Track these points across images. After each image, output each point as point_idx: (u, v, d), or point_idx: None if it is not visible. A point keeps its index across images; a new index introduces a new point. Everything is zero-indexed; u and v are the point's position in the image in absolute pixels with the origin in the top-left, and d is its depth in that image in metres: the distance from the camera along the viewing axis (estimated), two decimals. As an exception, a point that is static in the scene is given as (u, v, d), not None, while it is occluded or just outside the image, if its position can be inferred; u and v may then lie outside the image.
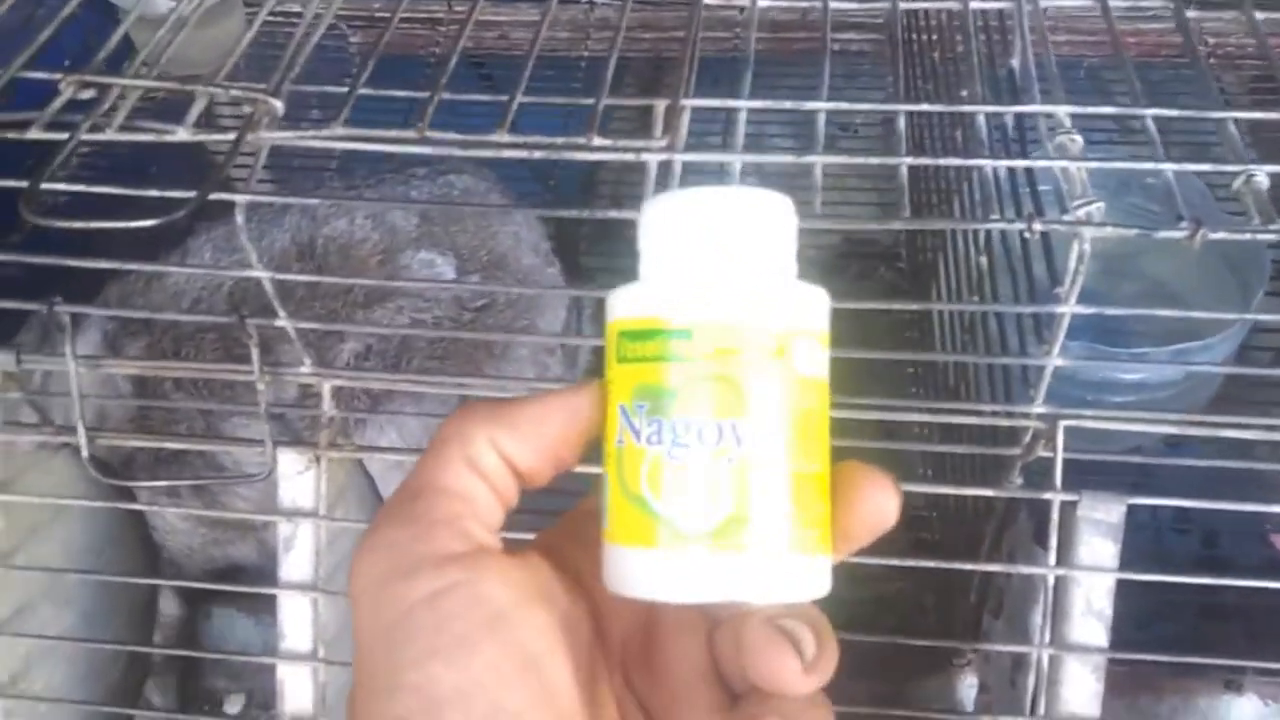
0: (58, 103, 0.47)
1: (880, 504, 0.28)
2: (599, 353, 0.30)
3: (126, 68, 0.52)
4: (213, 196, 0.43)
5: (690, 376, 0.27)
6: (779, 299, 0.28)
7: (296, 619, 0.55)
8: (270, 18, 0.72)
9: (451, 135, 0.44)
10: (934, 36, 0.83)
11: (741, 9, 0.58)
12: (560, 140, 0.44)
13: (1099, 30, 0.81)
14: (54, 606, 0.60)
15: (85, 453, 0.53)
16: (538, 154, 0.45)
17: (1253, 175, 0.43)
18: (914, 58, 0.89)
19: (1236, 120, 0.45)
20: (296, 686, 0.55)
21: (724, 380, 0.27)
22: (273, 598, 0.71)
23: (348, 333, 0.61)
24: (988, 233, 0.63)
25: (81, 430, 0.53)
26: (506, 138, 0.44)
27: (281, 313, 0.49)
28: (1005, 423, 0.53)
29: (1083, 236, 0.42)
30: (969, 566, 0.57)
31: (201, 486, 0.62)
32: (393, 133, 0.45)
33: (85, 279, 0.56)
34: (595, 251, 1.11)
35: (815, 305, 0.29)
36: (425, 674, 0.25)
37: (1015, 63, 0.54)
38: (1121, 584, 0.50)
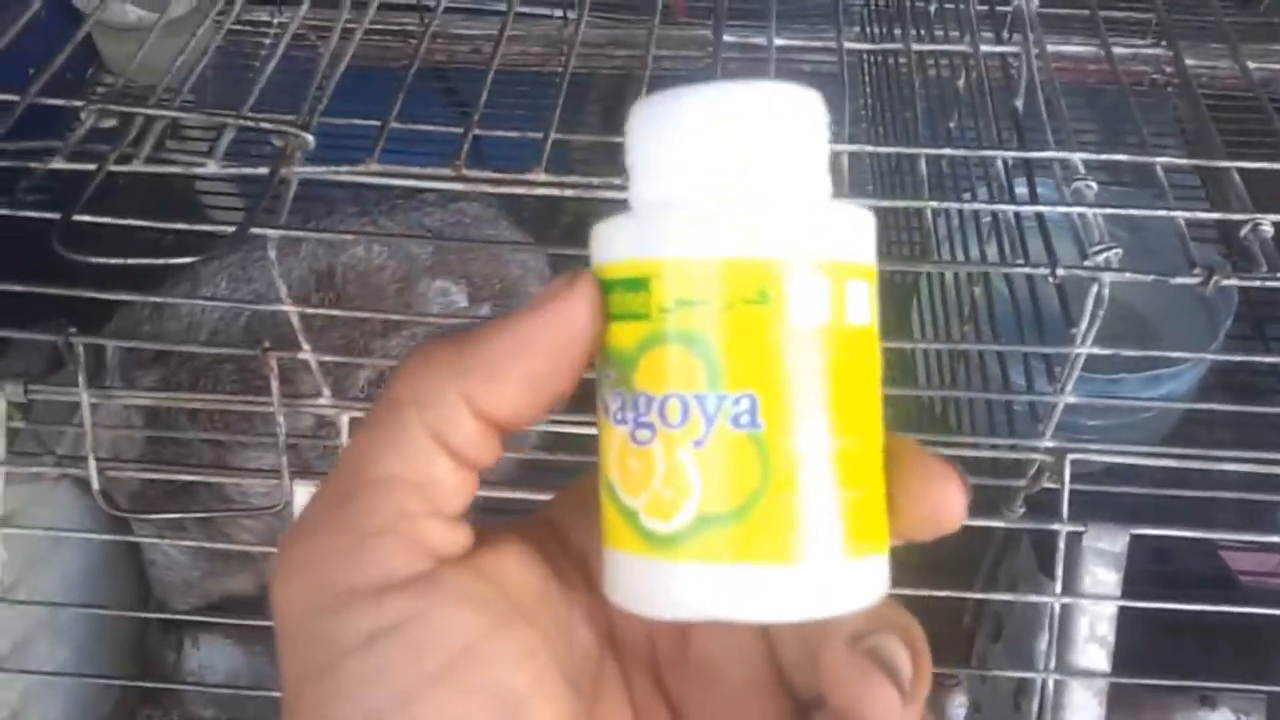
0: (80, 132, 0.46)
1: (945, 500, 0.22)
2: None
3: (90, 77, 0.50)
4: (255, 231, 0.42)
5: (656, 336, 0.21)
6: (792, 224, 0.21)
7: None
8: (237, 27, 0.70)
9: (487, 173, 0.45)
10: (898, 63, 0.85)
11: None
12: (596, 180, 0.45)
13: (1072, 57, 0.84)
14: (51, 641, 0.59)
15: (96, 485, 0.52)
16: (569, 192, 0.46)
17: (1259, 224, 0.45)
18: (875, 86, 0.91)
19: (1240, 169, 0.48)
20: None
21: (694, 340, 0.21)
22: (263, 626, 0.71)
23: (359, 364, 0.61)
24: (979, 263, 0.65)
25: (92, 463, 0.52)
26: (543, 176, 0.45)
27: (306, 346, 0.49)
28: (1007, 455, 0.54)
29: (1102, 281, 0.44)
30: (980, 595, 0.59)
31: (206, 520, 0.61)
32: (428, 170, 0.45)
33: (85, 308, 0.55)
34: (557, 267, 1.12)
35: (848, 231, 0.22)
36: None
37: (1019, 103, 0.56)
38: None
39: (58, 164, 0.45)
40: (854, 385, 0.22)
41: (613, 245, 0.22)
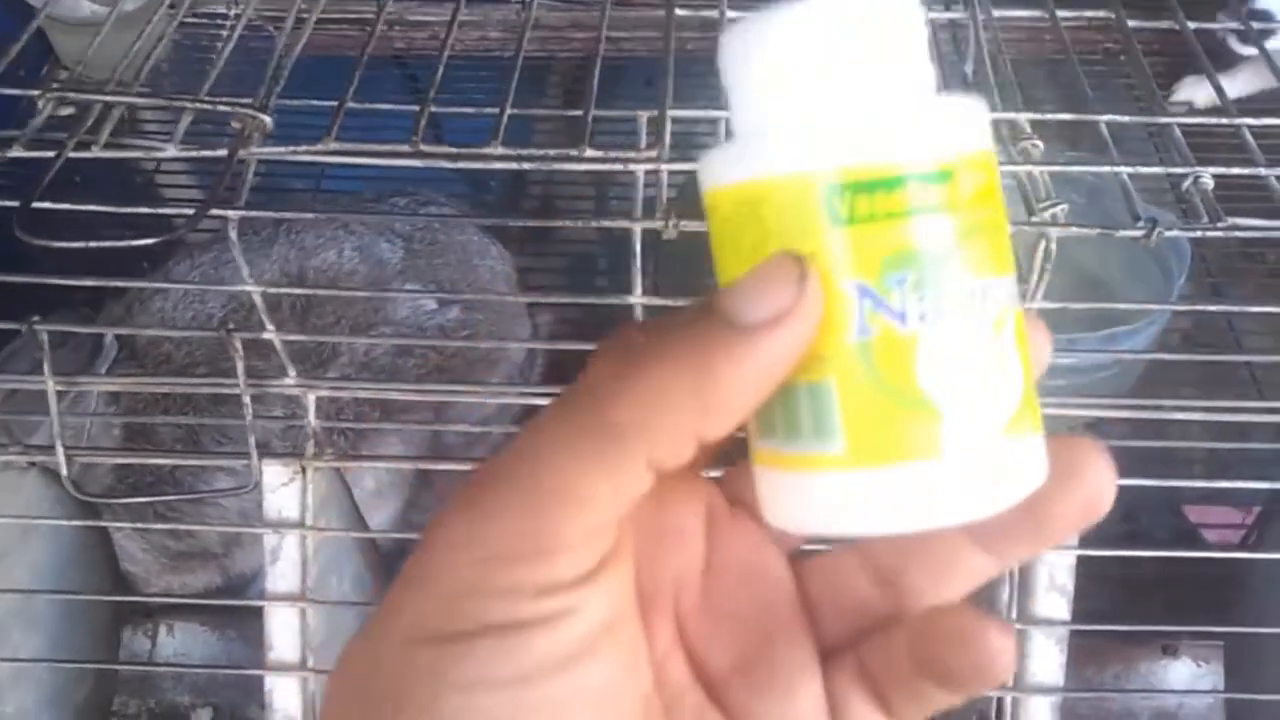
0: (38, 120, 0.46)
1: (1101, 486, 0.23)
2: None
3: (46, 72, 0.50)
4: (215, 212, 0.43)
5: (960, 229, 0.21)
6: (984, 116, 0.22)
7: (284, 630, 0.55)
8: (192, 19, 0.71)
9: (444, 149, 0.45)
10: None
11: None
12: (552, 152, 0.46)
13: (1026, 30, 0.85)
14: (24, 630, 0.59)
15: (64, 471, 0.52)
16: (527, 165, 0.46)
17: (1200, 177, 0.46)
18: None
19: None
20: (285, 697, 0.55)
21: (992, 229, 0.21)
22: (238, 612, 0.71)
23: (330, 361, 0.61)
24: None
25: (60, 450, 0.52)
26: (499, 150, 0.45)
27: (270, 325, 0.50)
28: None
29: (1049, 236, 0.45)
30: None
31: (169, 518, 0.62)
32: (386, 146, 0.45)
33: (58, 306, 0.55)
34: (525, 253, 1.13)
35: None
36: (469, 706, 0.21)
37: (969, 68, 0.57)
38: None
39: (17, 152, 0.45)
40: None
41: (874, 145, 0.21)
